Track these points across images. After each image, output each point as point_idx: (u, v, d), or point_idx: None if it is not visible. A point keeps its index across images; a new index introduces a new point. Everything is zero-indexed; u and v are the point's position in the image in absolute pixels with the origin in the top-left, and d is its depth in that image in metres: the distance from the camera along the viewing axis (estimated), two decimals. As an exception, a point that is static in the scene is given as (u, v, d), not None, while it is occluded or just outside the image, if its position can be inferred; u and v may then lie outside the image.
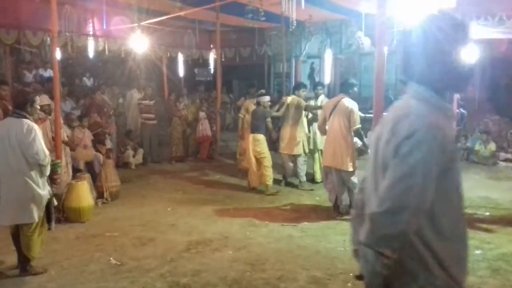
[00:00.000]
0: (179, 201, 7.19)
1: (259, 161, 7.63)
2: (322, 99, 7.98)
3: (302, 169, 7.93)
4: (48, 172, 4.40)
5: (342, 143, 6.09)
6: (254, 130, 7.70)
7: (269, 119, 7.74)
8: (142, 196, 7.48)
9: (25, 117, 4.27)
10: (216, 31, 10.66)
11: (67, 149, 6.90)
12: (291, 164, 7.97)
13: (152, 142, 10.25)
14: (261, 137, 7.66)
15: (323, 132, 6.57)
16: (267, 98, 7.92)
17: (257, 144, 7.61)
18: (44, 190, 4.35)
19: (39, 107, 4.63)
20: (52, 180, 4.57)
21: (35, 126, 4.29)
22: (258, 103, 7.85)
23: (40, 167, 4.27)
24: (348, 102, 6.16)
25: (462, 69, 1.70)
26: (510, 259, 4.62)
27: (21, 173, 4.20)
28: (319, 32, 13.75)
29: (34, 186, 4.24)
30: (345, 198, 6.21)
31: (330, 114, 6.22)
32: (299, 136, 7.79)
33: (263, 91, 8.57)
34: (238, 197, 7.41)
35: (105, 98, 10.39)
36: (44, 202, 4.37)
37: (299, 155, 7.84)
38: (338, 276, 4.28)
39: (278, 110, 8.03)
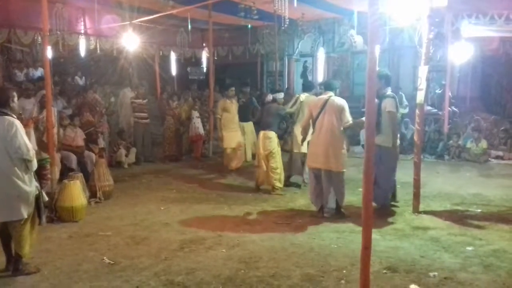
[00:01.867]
0: (173, 200, 7.17)
1: (267, 159, 7.47)
2: None
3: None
4: (34, 167, 4.33)
5: (335, 143, 5.92)
6: (266, 127, 7.54)
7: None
8: (135, 195, 7.45)
9: (7, 114, 4.22)
10: (209, 30, 10.64)
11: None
12: (300, 163, 7.91)
13: (145, 141, 10.22)
14: (273, 134, 7.49)
15: (306, 132, 6.39)
16: (281, 95, 7.90)
17: (267, 142, 7.44)
18: (30, 186, 4.29)
19: (16, 103, 4.56)
20: (40, 175, 4.52)
21: (16, 122, 4.22)
22: (274, 100, 7.75)
23: (25, 163, 4.22)
24: (339, 100, 6.04)
25: None
26: (501, 255, 4.66)
27: (5, 170, 4.15)
28: (311, 31, 13.78)
29: (19, 182, 4.19)
30: (331, 200, 6.07)
31: (319, 113, 6.04)
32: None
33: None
34: (231, 195, 7.39)
35: (97, 97, 10.35)
36: (32, 198, 4.31)
37: None
38: (331, 273, 4.28)
39: (291, 107, 7.86)
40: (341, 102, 6.02)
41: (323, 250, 4.89)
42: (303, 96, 7.79)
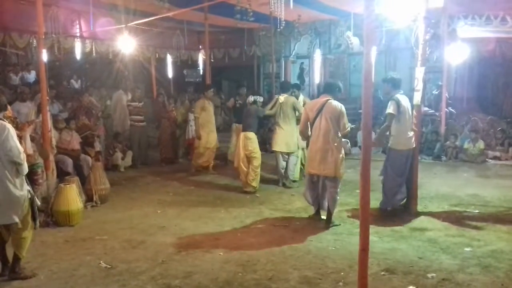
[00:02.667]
0: (169, 203, 7.14)
1: (248, 159, 7.60)
2: (302, 99, 8.25)
3: (293, 169, 8.04)
4: (25, 171, 4.32)
5: (332, 148, 5.68)
6: (246, 128, 7.67)
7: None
8: (131, 199, 7.41)
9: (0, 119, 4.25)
10: (205, 32, 10.61)
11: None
12: (284, 163, 8.01)
13: (141, 144, 10.18)
14: (253, 135, 7.64)
15: (306, 136, 6.14)
16: (261, 98, 8.12)
17: (248, 143, 7.57)
18: (22, 190, 4.28)
19: (9, 108, 4.61)
20: (32, 180, 4.51)
21: (8, 125, 4.23)
22: (254, 102, 7.87)
23: (16, 166, 4.21)
24: (337, 104, 5.76)
25: None
26: (499, 256, 4.65)
27: None
28: (308, 32, 13.78)
29: (10, 186, 4.18)
30: (325, 205, 5.94)
31: (316, 116, 5.80)
32: (295, 135, 7.79)
33: (212, 89, 9.26)
34: (228, 198, 7.37)
35: (93, 100, 10.31)
36: (23, 202, 4.29)
37: (292, 153, 7.95)
38: (329, 276, 4.27)
39: (271, 109, 8.04)
40: (339, 107, 5.72)
41: (321, 252, 4.87)
42: (282, 98, 7.96)
